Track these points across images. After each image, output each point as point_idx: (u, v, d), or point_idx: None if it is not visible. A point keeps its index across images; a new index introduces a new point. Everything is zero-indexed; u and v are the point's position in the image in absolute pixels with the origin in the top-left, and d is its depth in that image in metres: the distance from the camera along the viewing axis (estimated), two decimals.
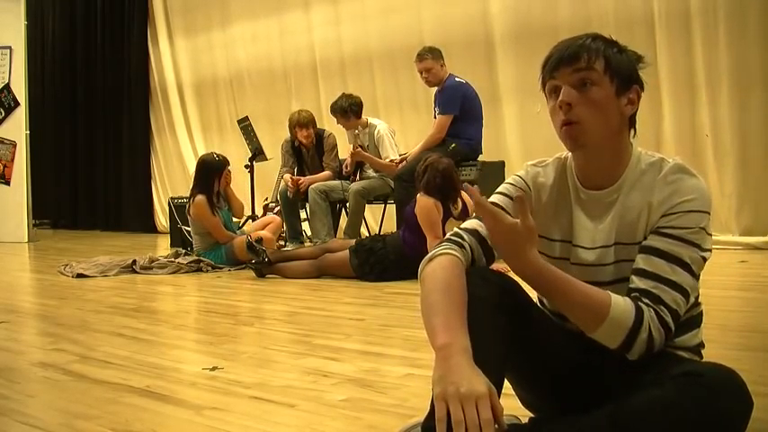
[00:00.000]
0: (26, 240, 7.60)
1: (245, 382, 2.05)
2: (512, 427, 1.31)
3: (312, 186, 5.53)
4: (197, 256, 5.02)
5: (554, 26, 5.52)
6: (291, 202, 5.66)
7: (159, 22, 8.96)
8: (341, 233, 5.75)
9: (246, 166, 6.23)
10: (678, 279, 1.24)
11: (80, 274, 4.68)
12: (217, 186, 5.13)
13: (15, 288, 4.72)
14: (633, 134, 1.37)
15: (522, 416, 1.46)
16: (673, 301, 1.23)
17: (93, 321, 3.15)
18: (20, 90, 7.70)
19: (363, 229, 6.11)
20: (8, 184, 7.75)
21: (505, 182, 1.48)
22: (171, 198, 6.86)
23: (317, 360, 2.31)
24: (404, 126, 6.47)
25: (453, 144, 5.08)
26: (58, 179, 10.06)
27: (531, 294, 1.36)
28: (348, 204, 5.58)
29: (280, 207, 5.77)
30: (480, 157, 5.27)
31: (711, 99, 5.08)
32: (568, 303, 1.26)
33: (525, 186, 1.44)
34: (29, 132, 7.75)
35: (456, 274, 1.27)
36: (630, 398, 1.15)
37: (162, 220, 8.93)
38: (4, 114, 7.75)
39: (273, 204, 6.01)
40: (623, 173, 1.35)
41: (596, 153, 1.34)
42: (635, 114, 1.36)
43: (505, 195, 1.43)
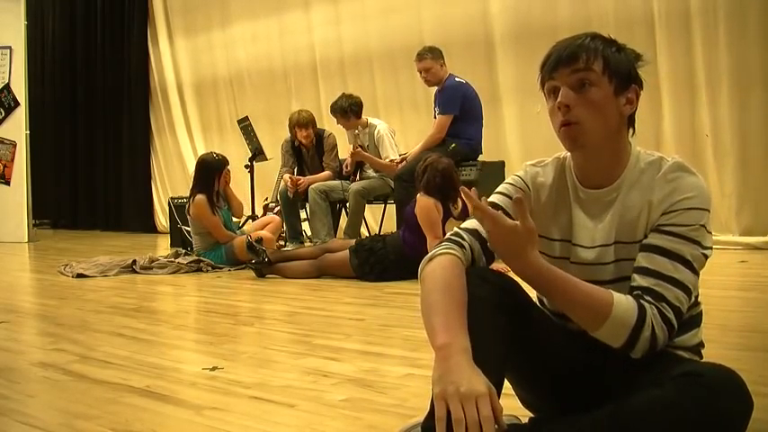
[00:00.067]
0: (26, 240, 7.60)
1: (245, 382, 2.05)
2: (512, 427, 1.31)
3: (312, 186, 5.53)
4: (197, 256, 5.02)
5: (554, 26, 5.52)
6: (291, 202, 5.66)
7: (159, 22, 8.96)
8: (341, 233, 5.75)
9: (246, 166, 6.23)
10: (680, 276, 1.24)
11: (80, 274, 4.68)
12: (217, 186, 5.13)
13: (15, 288, 4.71)
14: (632, 133, 1.37)
15: (522, 416, 1.46)
16: (675, 298, 1.23)
17: (93, 321, 3.15)
18: (20, 90, 7.70)
19: (363, 229, 6.11)
20: (8, 184, 7.75)
21: (505, 182, 1.48)
22: (171, 198, 6.87)
23: (317, 360, 2.31)
24: (404, 126, 6.47)
25: (453, 144, 5.08)
26: (58, 179, 10.06)
27: (531, 294, 1.36)
28: (348, 204, 5.58)
29: (280, 207, 5.77)
30: (480, 157, 5.27)
31: (711, 99, 5.08)
32: (570, 303, 1.26)
33: (525, 186, 1.44)
34: (29, 132, 7.75)
35: (456, 274, 1.27)
36: (630, 398, 1.15)
37: (162, 220, 8.93)
38: (4, 114, 7.76)
39: (273, 204, 6.01)
40: (622, 172, 1.35)
41: (595, 153, 1.34)
42: (634, 114, 1.36)
43: (505, 195, 1.43)
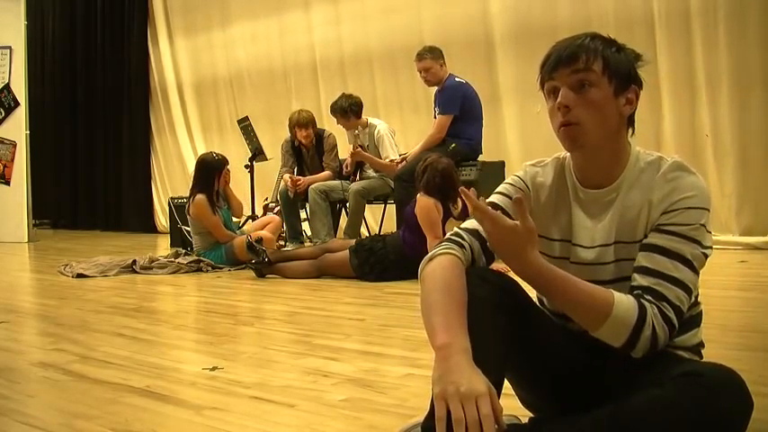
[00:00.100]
0: (26, 240, 7.60)
1: (245, 382, 2.05)
2: (512, 427, 1.31)
3: (312, 186, 5.53)
4: (197, 256, 5.02)
5: (554, 26, 5.52)
6: (291, 202, 5.65)
7: (159, 22, 8.96)
8: (341, 233, 5.75)
9: (246, 166, 6.23)
10: (680, 276, 1.24)
11: (80, 274, 4.68)
12: (216, 185, 5.13)
13: (15, 288, 4.71)
14: (631, 133, 1.37)
15: (522, 416, 1.46)
16: (675, 297, 1.23)
17: (93, 321, 3.15)
18: (20, 90, 7.70)
19: (363, 229, 6.11)
20: (8, 184, 7.75)
21: (504, 182, 1.48)
22: (171, 198, 6.87)
23: (317, 360, 2.31)
24: (404, 126, 6.47)
25: (453, 144, 5.07)
26: (58, 179, 10.06)
27: (531, 294, 1.36)
28: (348, 204, 5.58)
29: (280, 207, 5.77)
30: (480, 157, 5.27)
31: (711, 99, 5.08)
32: (570, 302, 1.26)
33: (524, 186, 1.44)
34: (29, 132, 7.75)
35: (456, 274, 1.27)
36: (630, 398, 1.15)
37: (162, 220, 8.93)
38: (4, 114, 7.75)
39: (273, 204, 6.01)
40: (622, 172, 1.35)
41: (595, 153, 1.34)
42: (633, 114, 1.36)
43: (504, 195, 1.43)
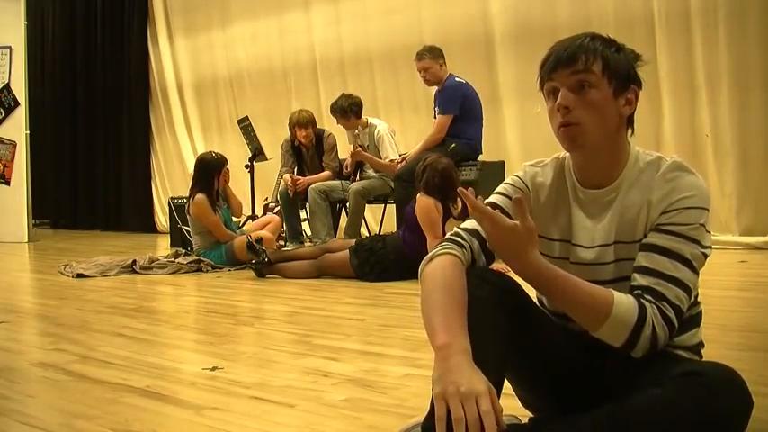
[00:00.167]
0: (26, 240, 7.60)
1: (245, 382, 2.05)
2: (512, 427, 1.31)
3: (312, 186, 5.53)
4: (197, 256, 5.02)
5: (554, 26, 5.52)
6: (291, 202, 5.65)
7: (159, 21, 8.96)
8: (341, 233, 5.75)
9: (246, 166, 6.23)
10: (680, 275, 1.24)
11: (80, 274, 4.68)
12: (216, 185, 5.13)
13: (15, 288, 4.71)
14: (631, 133, 1.38)
15: (522, 416, 1.46)
16: (675, 297, 1.23)
17: (93, 321, 3.15)
18: (20, 90, 7.70)
19: (363, 229, 6.11)
20: (8, 184, 7.75)
21: (504, 182, 1.48)
22: (171, 198, 6.87)
23: (317, 360, 2.31)
24: (404, 126, 6.47)
25: (453, 144, 5.07)
26: (58, 179, 10.06)
27: (531, 294, 1.36)
28: (348, 204, 5.58)
29: (279, 207, 5.77)
30: (480, 157, 5.27)
31: (711, 99, 5.08)
32: (570, 302, 1.26)
33: (524, 186, 1.44)
34: (29, 132, 7.75)
35: (456, 274, 1.27)
36: (630, 398, 1.15)
37: (162, 220, 8.93)
38: (4, 114, 7.75)
39: (273, 204, 6.01)
40: (621, 172, 1.35)
41: (594, 153, 1.34)
42: (633, 114, 1.36)
43: (504, 195, 1.43)
